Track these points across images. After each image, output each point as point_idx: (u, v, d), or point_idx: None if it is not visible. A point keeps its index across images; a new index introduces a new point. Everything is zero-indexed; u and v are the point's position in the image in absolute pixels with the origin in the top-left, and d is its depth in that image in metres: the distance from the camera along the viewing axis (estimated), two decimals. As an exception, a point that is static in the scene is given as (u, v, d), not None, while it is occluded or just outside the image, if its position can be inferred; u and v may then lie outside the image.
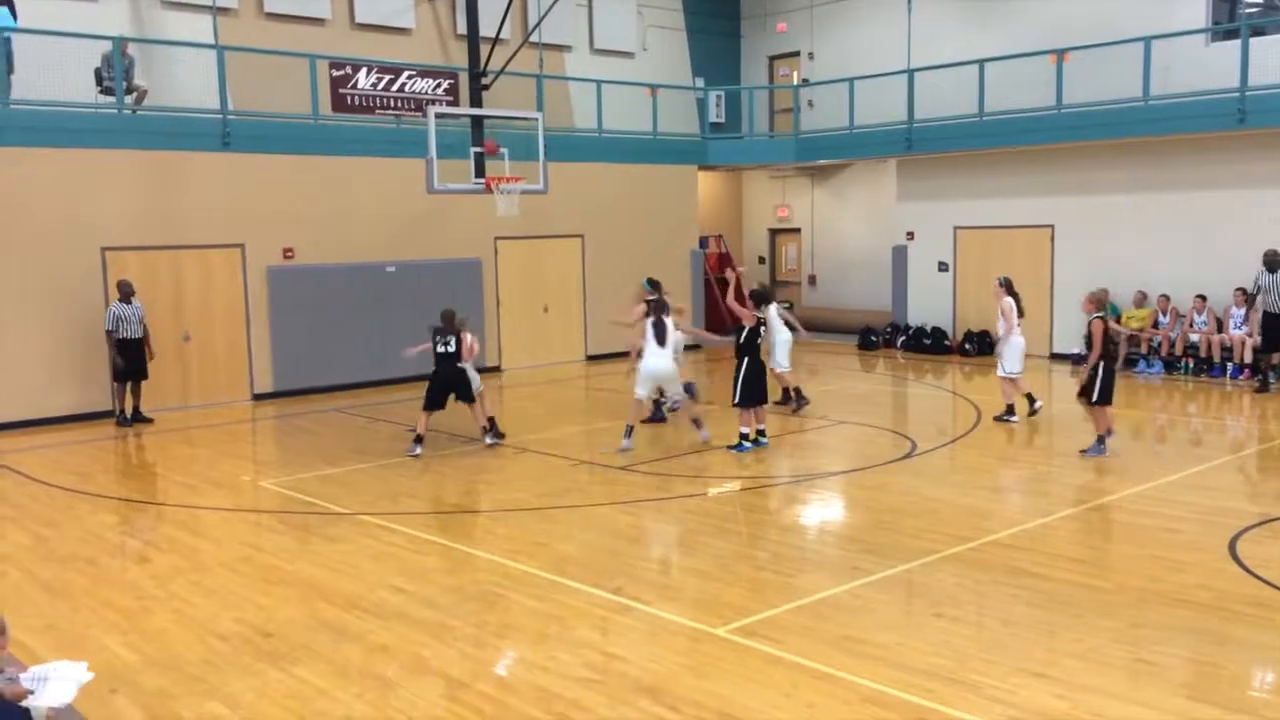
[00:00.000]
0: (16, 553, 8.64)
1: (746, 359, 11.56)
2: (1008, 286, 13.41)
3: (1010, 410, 13.32)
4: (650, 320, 11.93)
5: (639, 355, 12.15)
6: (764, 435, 12.00)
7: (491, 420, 12.69)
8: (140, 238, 14.88)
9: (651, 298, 12.69)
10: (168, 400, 15.05)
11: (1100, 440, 11.29)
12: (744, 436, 11.70)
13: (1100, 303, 11.28)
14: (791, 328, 13.55)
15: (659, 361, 11.82)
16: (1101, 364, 11.06)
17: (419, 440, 12.12)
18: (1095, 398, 11.12)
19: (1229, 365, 16.23)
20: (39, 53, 14.22)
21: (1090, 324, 11.11)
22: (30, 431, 13.80)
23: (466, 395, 12.29)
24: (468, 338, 12.29)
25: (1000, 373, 13.44)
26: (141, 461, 12.75)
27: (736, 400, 11.63)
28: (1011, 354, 13.28)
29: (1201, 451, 12.18)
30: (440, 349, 12.16)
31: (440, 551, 8.48)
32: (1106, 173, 17.90)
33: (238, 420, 14.83)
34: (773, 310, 13.53)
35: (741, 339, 11.67)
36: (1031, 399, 13.44)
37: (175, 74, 16.04)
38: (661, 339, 11.76)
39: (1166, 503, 9.46)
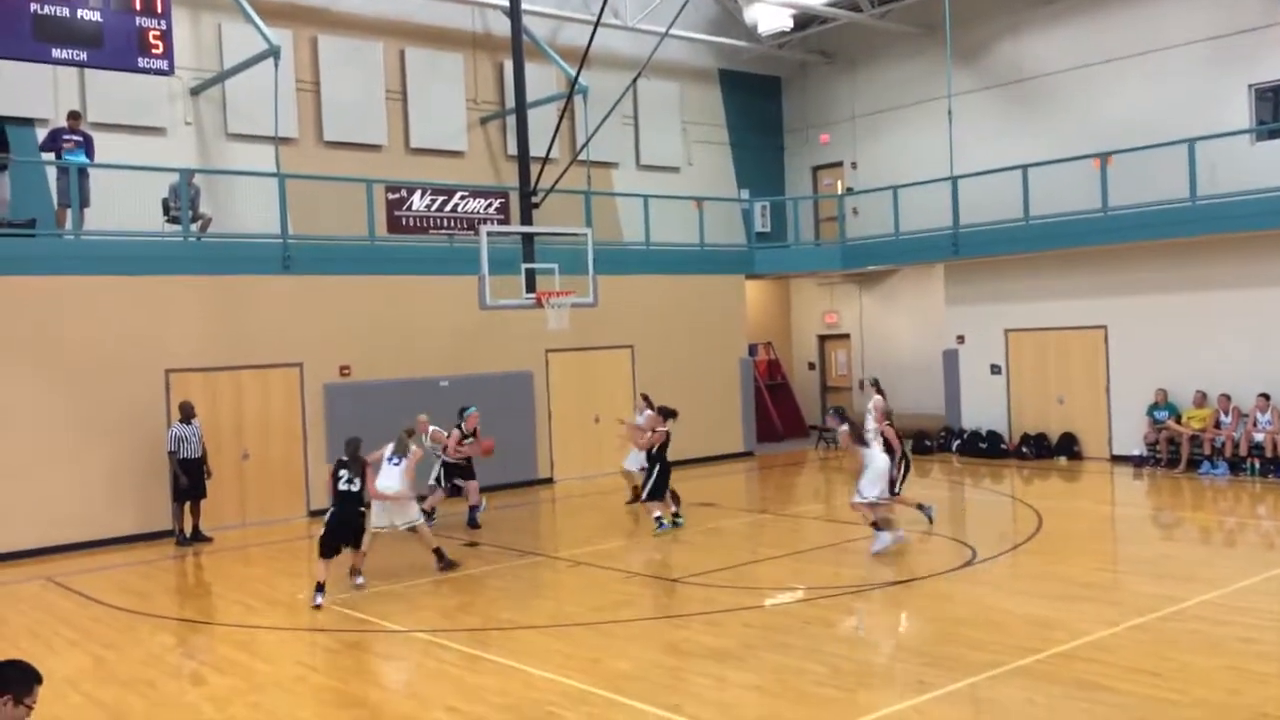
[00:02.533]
0: (78, 675, 8.70)
1: (659, 464, 13.59)
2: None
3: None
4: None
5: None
6: (680, 516, 13.90)
7: (438, 550, 12.03)
8: (202, 359, 15.28)
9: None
10: (226, 518, 15.23)
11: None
12: (659, 519, 13.51)
13: (887, 413, 13.46)
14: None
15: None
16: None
17: (320, 589, 10.63)
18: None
19: (1297, 464, 15.82)
20: (110, 185, 14.89)
21: (882, 431, 12.99)
22: (93, 552, 14.00)
23: (355, 541, 11.13)
24: (380, 459, 11.61)
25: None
26: (200, 581, 12.86)
27: (645, 497, 13.69)
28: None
29: (1274, 555, 11.80)
30: (343, 485, 10.91)
31: (495, 669, 8.40)
32: (1158, 272, 17.81)
33: (294, 537, 14.93)
34: (640, 419, 15.17)
35: (654, 451, 13.67)
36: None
37: (238, 201, 16.68)
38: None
39: (1240, 610, 9.14)
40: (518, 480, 17.93)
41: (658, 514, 13.55)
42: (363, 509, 11.08)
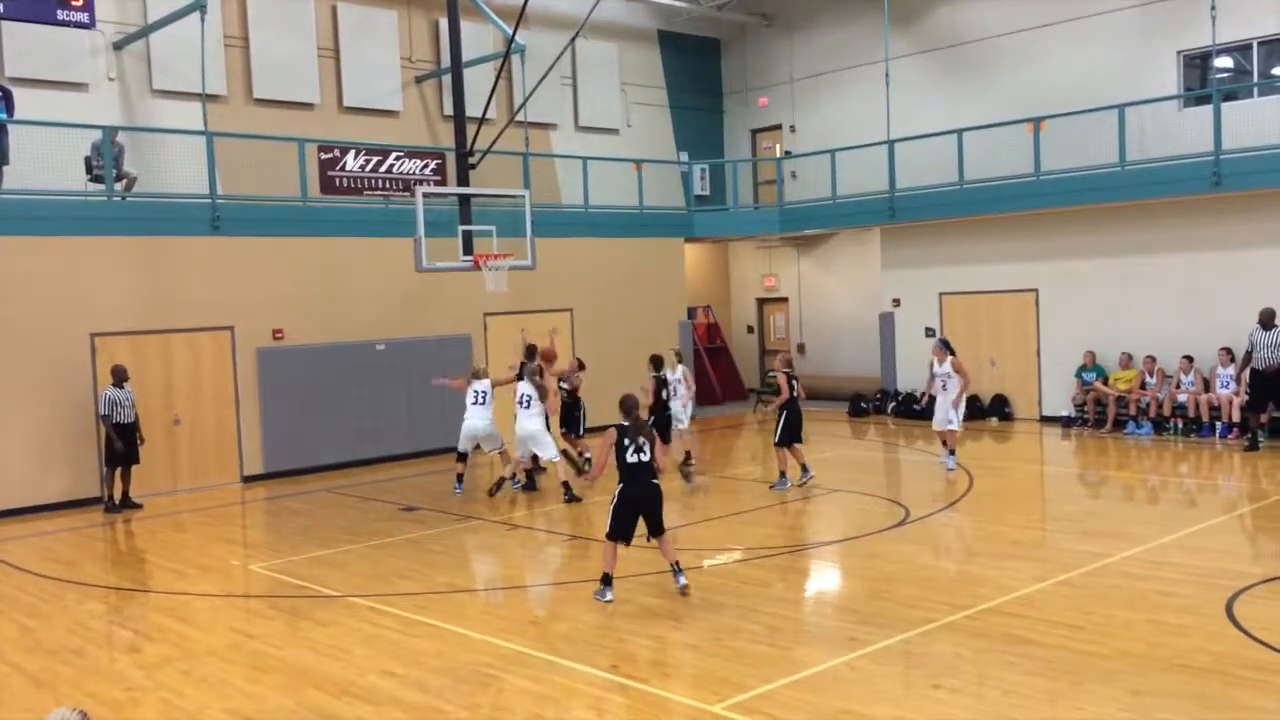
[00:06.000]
0: (2, 645, 8.51)
1: None
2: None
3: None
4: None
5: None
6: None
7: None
8: (130, 322, 14.92)
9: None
10: (157, 485, 14.95)
11: (782, 475, 13.59)
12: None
13: (787, 361, 14.29)
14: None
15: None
16: (785, 410, 13.49)
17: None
18: (777, 439, 13.60)
19: (1218, 425, 16.29)
20: (31, 142, 14.40)
21: (777, 376, 13.81)
22: (18, 519, 13.67)
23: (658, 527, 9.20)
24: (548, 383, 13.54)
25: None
26: (130, 548, 12.63)
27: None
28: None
29: (1195, 512, 12.17)
30: (631, 457, 9.12)
31: (432, 633, 8.38)
32: (1088, 237, 18.14)
33: (227, 503, 14.73)
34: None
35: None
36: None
37: (165, 160, 16.22)
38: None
39: (1162, 565, 9.43)
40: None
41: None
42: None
